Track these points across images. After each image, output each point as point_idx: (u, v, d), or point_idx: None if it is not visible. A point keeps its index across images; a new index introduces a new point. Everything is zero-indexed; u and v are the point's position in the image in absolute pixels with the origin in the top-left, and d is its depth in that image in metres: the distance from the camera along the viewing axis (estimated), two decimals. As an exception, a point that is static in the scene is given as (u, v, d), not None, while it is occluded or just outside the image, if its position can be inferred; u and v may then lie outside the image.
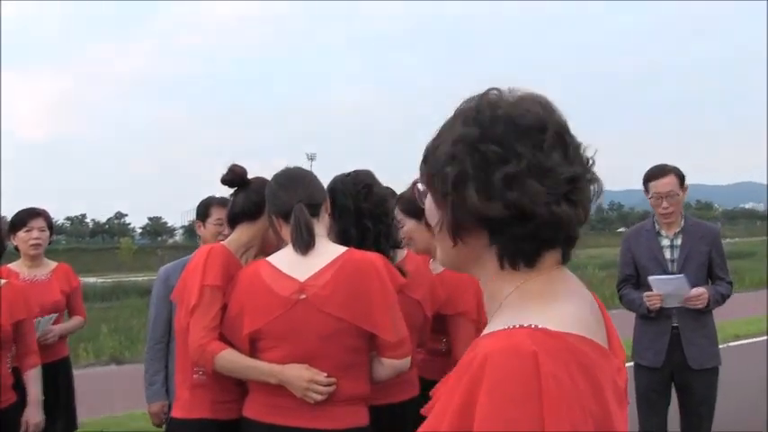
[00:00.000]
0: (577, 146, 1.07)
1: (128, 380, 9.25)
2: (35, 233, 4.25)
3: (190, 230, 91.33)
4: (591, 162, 1.08)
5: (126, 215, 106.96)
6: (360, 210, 2.71)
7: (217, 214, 3.83)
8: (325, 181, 2.70)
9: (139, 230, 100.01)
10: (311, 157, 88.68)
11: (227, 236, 3.73)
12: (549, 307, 1.02)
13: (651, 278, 3.98)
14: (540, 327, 0.96)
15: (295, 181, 2.51)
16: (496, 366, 0.91)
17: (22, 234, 4.22)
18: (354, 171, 2.84)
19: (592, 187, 1.08)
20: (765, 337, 11.51)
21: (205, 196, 4.02)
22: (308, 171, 2.61)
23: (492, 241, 1.06)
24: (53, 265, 4.48)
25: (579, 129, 1.09)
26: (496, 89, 1.08)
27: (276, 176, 2.56)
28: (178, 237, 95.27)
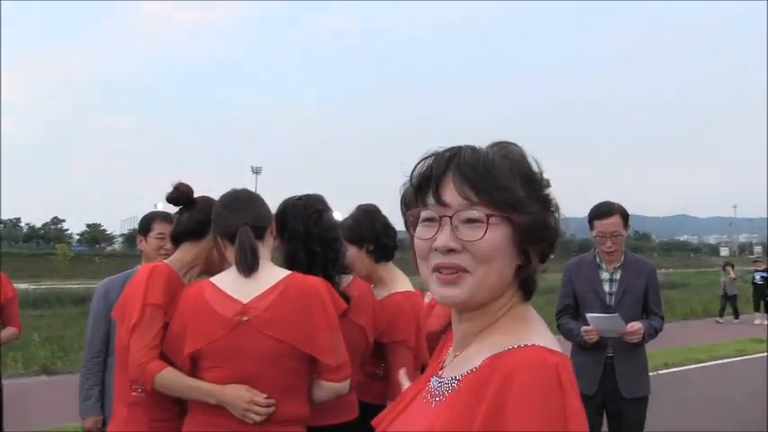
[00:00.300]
0: None
1: (59, 391, 9.08)
2: None
3: (129, 239, 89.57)
4: None
5: (63, 221, 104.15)
6: (309, 234, 2.73)
7: (159, 228, 3.82)
8: (271, 195, 2.71)
9: (77, 237, 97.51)
10: (256, 171, 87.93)
11: (168, 250, 3.72)
12: (535, 330, 1.15)
13: (588, 315, 4.09)
14: (540, 345, 1.09)
15: (241, 203, 2.52)
16: (524, 378, 1.00)
17: None
18: (306, 195, 2.86)
19: None
20: (694, 365, 11.90)
21: (146, 205, 3.99)
22: (254, 193, 2.63)
23: (521, 276, 1.18)
24: (-13, 274, 4.39)
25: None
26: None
27: (223, 197, 2.57)
28: (117, 245, 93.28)
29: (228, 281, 2.43)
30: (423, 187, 1.17)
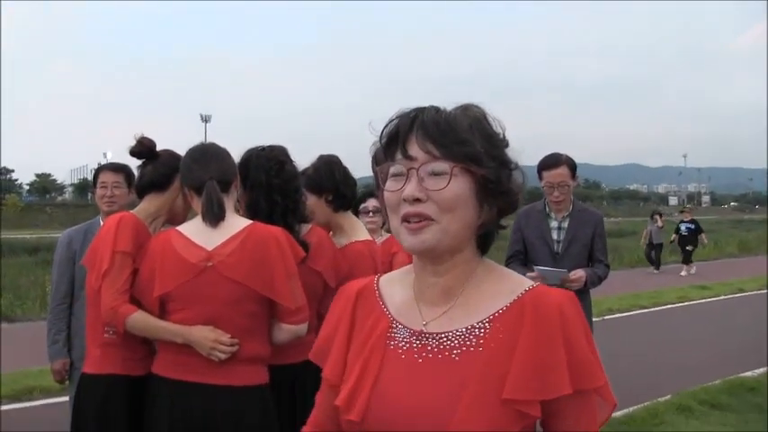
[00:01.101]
0: None
1: (20, 337, 9.17)
2: None
3: (79, 188, 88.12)
4: None
5: (12, 171, 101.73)
6: (271, 185, 2.86)
7: (102, 178, 3.95)
8: (220, 144, 2.79)
9: (27, 187, 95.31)
10: (206, 119, 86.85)
11: (110, 198, 3.86)
12: (518, 275, 1.32)
13: (537, 268, 4.26)
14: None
15: (208, 157, 2.66)
16: (569, 309, 1.22)
17: None
18: (269, 146, 2.98)
19: None
20: (639, 311, 12.37)
21: (96, 154, 4.08)
22: (221, 148, 2.74)
23: (481, 230, 1.28)
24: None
25: (485, 100, 1.30)
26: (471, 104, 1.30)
27: (191, 151, 2.70)
28: (68, 194, 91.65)
29: (194, 229, 2.59)
30: (391, 145, 1.26)
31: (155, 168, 2.83)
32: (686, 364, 8.24)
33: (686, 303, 13.64)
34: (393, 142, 1.25)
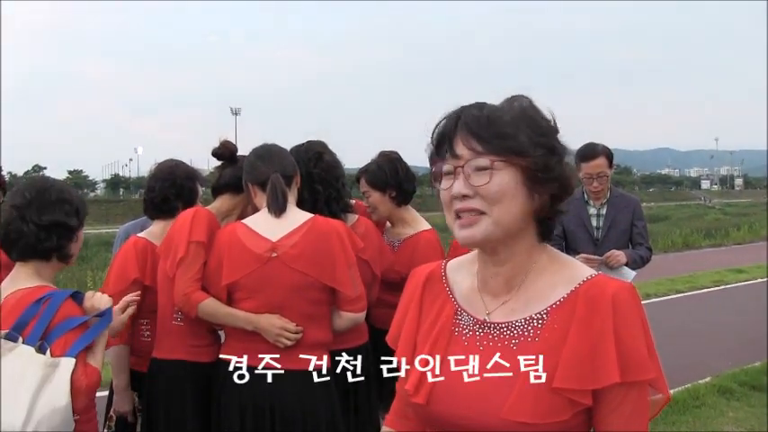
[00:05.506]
0: None
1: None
2: None
3: (112, 184, 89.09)
4: None
5: (45, 168, 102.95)
6: (311, 175, 3.01)
7: None
8: (250, 137, 2.98)
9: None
10: (236, 112, 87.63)
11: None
12: (578, 263, 1.37)
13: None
14: (600, 273, 1.33)
15: (272, 155, 2.83)
16: (624, 299, 1.24)
17: None
18: (308, 141, 3.16)
19: None
20: (675, 295, 12.34)
21: (127, 150, 4.15)
22: (282, 147, 2.91)
23: (537, 217, 1.32)
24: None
25: (516, 89, 1.36)
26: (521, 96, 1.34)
27: (255, 150, 2.86)
28: (100, 191, 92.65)
29: (259, 222, 2.73)
30: (441, 145, 1.32)
31: (233, 172, 3.02)
32: (725, 346, 8.26)
33: (722, 287, 13.61)
34: (442, 142, 1.31)
